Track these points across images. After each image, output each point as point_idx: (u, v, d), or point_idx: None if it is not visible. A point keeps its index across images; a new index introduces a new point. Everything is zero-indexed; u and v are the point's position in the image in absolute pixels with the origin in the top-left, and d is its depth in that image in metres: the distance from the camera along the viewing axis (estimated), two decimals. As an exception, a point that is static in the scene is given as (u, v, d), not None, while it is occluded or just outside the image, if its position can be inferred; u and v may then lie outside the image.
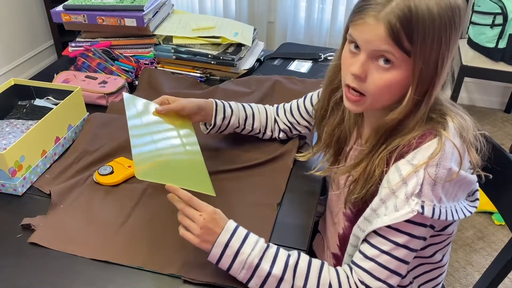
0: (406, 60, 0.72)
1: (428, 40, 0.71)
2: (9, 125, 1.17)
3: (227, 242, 0.79)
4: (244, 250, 0.78)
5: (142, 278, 0.84)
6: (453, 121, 0.77)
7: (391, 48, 0.72)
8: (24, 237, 0.91)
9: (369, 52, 0.74)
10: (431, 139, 0.74)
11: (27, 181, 1.03)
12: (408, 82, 0.74)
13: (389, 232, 0.75)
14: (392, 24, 0.70)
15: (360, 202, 0.84)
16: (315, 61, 1.58)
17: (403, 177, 0.74)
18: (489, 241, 1.92)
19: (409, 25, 0.70)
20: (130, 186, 1.04)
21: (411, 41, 0.70)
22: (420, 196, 0.72)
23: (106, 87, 1.34)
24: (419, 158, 0.73)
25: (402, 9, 0.70)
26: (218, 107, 1.09)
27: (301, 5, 2.88)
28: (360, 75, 0.76)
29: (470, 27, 2.33)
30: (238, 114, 1.11)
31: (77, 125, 1.20)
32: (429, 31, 0.70)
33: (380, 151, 0.80)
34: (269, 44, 3.02)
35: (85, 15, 1.48)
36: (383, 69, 0.74)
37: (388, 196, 0.76)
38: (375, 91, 0.76)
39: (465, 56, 2.30)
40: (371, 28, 0.72)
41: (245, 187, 1.04)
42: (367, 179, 0.81)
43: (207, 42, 1.49)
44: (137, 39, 1.53)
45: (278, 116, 1.15)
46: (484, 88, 2.79)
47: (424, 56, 0.71)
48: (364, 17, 0.73)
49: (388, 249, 0.76)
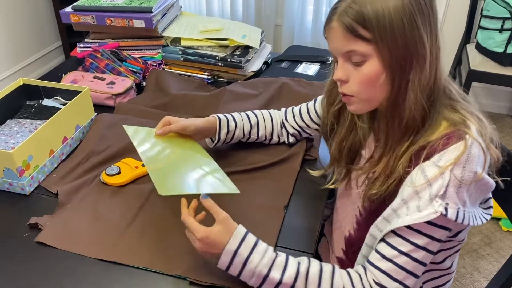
0: (371, 49, 0.74)
1: (384, 23, 0.72)
2: (17, 125, 1.18)
3: (236, 250, 0.78)
4: (252, 259, 0.78)
5: (148, 278, 0.84)
6: (472, 120, 0.77)
7: (353, 45, 0.75)
8: (31, 236, 0.91)
9: (341, 56, 0.79)
10: (456, 142, 0.73)
11: (35, 181, 1.04)
12: (385, 72, 0.76)
13: (409, 233, 0.75)
14: (344, 21, 0.74)
15: (377, 201, 0.83)
16: (322, 64, 1.57)
17: (428, 179, 0.73)
18: (496, 247, 1.91)
19: (359, 15, 0.73)
20: (137, 187, 1.04)
21: (367, 28, 0.73)
22: (444, 198, 0.72)
23: (114, 88, 1.34)
24: (445, 160, 0.73)
25: (350, 4, 0.74)
26: (221, 122, 1.08)
27: (308, 9, 2.88)
28: (342, 78, 0.80)
29: (479, 32, 2.32)
30: (242, 126, 1.11)
31: (85, 125, 1.20)
32: (383, 15, 0.72)
33: (403, 148, 0.79)
34: (276, 47, 3.02)
35: (93, 16, 1.49)
36: (358, 66, 0.77)
37: (410, 196, 0.75)
38: (359, 89, 0.79)
39: (473, 61, 2.29)
40: (332, 32, 0.77)
41: (252, 189, 1.04)
42: (389, 175, 0.80)
43: (215, 44, 1.50)
44: (145, 40, 1.53)
45: (287, 121, 1.14)
46: (491, 93, 2.78)
47: (387, 39, 0.73)
48: (329, 25, 0.78)
49: (407, 250, 0.75)
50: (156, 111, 1.29)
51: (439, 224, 0.74)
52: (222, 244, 0.78)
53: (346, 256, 0.98)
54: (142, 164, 1.08)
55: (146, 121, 1.23)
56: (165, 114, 1.25)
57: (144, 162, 0.93)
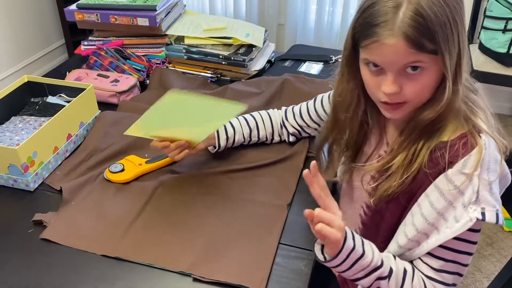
0: (433, 58, 0.72)
1: (447, 31, 0.70)
2: (22, 121, 1.18)
3: (353, 247, 0.77)
4: (367, 254, 0.77)
5: (151, 275, 0.84)
6: (480, 114, 0.78)
7: (416, 57, 0.71)
8: (35, 233, 0.92)
9: (396, 70, 0.74)
10: (473, 144, 0.74)
11: (39, 177, 1.04)
12: (440, 75, 0.74)
13: (452, 243, 0.77)
14: (409, 35, 0.69)
15: (387, 199, 0.83)
16: (326, 63, 1.58)
17: (458, 188, 0.74)
18: (498, 247, 1.91)
19: (425, 28, 0.69)
20: (141, 184, 1.04)
21: (433, 41, 0.70)
22: (478, 203, 0.73)
23: (118, 86, 1.34)
24: (470, 166, 0.73)
25: (411, 16, 0.68)
26: (219, 130, 1.09)
27: (311, 8, 2.88)
28: (396, 91, 0.75)
29: (482, 32, 2.32)
30: (242, 131, 1.12)
31: (89, 122, 1.21)
32: (444, 22, 0.70)
33: (419, 145, 0.79)
34: (278, 46, 3.02)
35: (98, 14, 1.49)
36: (415, 76, 0.74)
37: (445, 208, 0.75)
38: (414, 97, 0.76)
39: (476, 61, 2.28)
40: (390, 48, 0.71)
41: (255, 187, 1.04)
42: (406, 169, 0.80)
43: (219, 43, 1.50)
44: (149, 38, 1.54)
45: (287, 120, 1.14)
46: (494, 93, 2.77)
47: (449, 47, 0.71)
48: (379, 39, 0.71)
49: (452, 257, 0.78)
50: (159, 109, 1.29)
51: (477, 229, 0.76)
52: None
53: None
54: (146, 161, 1.09)
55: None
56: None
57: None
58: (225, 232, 0.91)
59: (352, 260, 0.76)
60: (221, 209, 0.98)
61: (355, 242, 0.77)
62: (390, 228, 0.87)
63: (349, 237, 0.76)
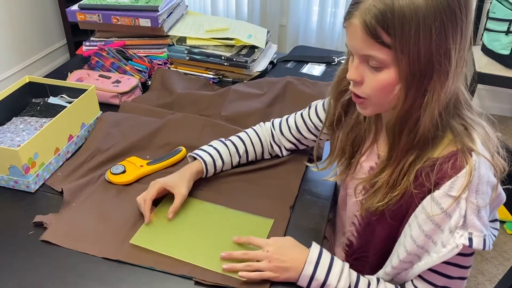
0: (394, 58, 0.68)
1: (409, 32, 0.65)
2: (23, 122, 1.18)
3: (312, 275, 0.80)
4: (330, 282, 0.80)
5: (153, 278, 0.83)
6: (478, 130, 0.74)
7: (371, 50, 0.69)
8: (36, 234, 0.91)
9: (358, 56, 0.73)
10: (463, 164, 0.70)
11: (40, 178, 1.04)
12: (405, 82, 0.70)
13: (441, 267, 0.75)
14: (367, 21, 0.67)
15: (376, 213, 0.81)
16: (328, 65, 1.57)
17: (444, 210, 0.71)
18: (500, 250, 1.90)
19: (383, 17, 0.66)
20: (142, 186, 1.03)
21: (389, 34, 0.67)
22: (465, 227, 0.70)
23: (120, 87, 1.34)
24: (457, 188, 0.70)
25: (377, 4, 0.66)
26: (208, 167, 1.03)
27: (314, 9, 2.88)
28: (356, 79, 0.74)
29: (485, 34, 2.31)
30: (230, 161, 1.07)
31: (90, 123, 1.20)
32: (410, 22, 0.65)
33: (408, 162, 0.76)
34: (280, 47, 3.00)
35: (100, 14, 1.49)
36: (375, 70, 0.72)
37: (433, 231, 0.73)
38: (372, 93, 0.74)
39: (478, 63, 2.28)
40: (352, 29, 0.71)
41: (258, 189, 1.03)
42: (392, 187, 0.78)
43: (221, 44, 1.49)
44: (151, 39, 1.53)
45: (282, 135, 1.08)
46: (497, 95, 2.76)
47: (408, 50, 0.66)
48: (348, 18, 0.71)
49: (443, 283, 0.76)
50: (160, 110, 1.29)
51: (467, 253, 0.73)
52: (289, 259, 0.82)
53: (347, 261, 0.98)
54: (147, 163, 1.08)
55: (150, 120, 1.23)
56: (170, 113, 1.26)
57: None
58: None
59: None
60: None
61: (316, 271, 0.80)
62: (381, 242, 0.86)
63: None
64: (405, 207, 0.78)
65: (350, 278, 0.81)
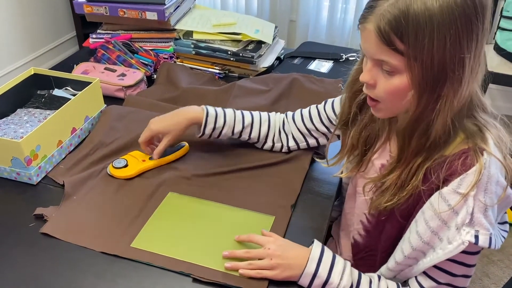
0: (407, 64, 0.68)
1: (422, 40, 0.65)
2: (27, 114, 1.18)
3: (315, 272, 0.80)
4: (332, 280, 0.80)
5: (151, 274, 0.83)
6: (491, 131, 0.73)
7: (385, 55, 0.69)
8: (36, 227, 0.91)
9: (372, 60, 0.73)
10: (473, 161, 0.70)
11: (42, 171, 1.03)
12: (417, 88, 0.70)
13: (446, 264, 0.74)
14: (381, 27, 0.67)
15: (385, 212, 0.81)
16: (336, 62, 1.55)
17: (452, 207, 0.71)
18: (507, 253, 1.87)
19: (398, 25, 0.65)
20: (144, 180, 1.03)
21: (403, 41, 0.66)
22: (472, 225, 0.70)
23: (125, 80, 1.33)
24: (466, 186, 0.70)
25: (392, 10, 0.66)
26: (208, 117, 1.03)
27: (324, 5, 2.85)
28: (368, 82, 0.75)
29: (498, 33, 2.27)
30: (233, 125, 1.06)
31: (94, 116, 1.20)
32: (424, 29, 0.64)
33: (417, 162, 0.76)
34: (289, 42, 2.99)
35: (106, 7, 1.48)
36: (388, 75, 0.72)
37: (440, 227, 0.73)
38: (385, 97, 0.75)
39: (490, 62, 2.24)
40: (366, 34, 0.71)
41: (259, 187, 1.02)
42: (400, 187, 0.78)
43: (227, 39, 1.48)
44: (158, 33, 1.52)
45: (294, 123, 1.08)
46: (509, 96, 2.72)
47: (421, 57, 0.66)
48: (362, 22, 0.72)
49: (446, 280, 0.75)
50: (165, 104, 1.28)
51: (472, 251, 0.73)
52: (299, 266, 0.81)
53: (354, 260, 0.97)
54: (150, 157, 1.07)
55: (155, 114, 1.22)
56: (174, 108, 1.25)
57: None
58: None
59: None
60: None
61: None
62: (390, 240, 0.85)
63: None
64: (413, 205, 0.78)
65: (352, 276, 0.81)
